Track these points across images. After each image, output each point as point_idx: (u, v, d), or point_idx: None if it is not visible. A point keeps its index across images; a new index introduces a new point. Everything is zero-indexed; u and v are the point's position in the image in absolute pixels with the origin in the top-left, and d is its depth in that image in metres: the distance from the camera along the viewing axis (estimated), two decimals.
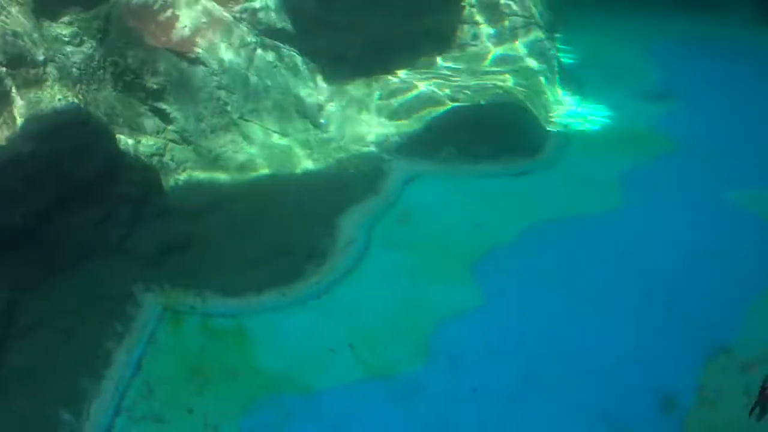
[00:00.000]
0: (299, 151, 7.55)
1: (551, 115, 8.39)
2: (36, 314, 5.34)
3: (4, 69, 5.88)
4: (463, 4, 9.01)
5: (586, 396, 4.84)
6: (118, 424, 4.80)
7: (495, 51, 9.01)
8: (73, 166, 6.00)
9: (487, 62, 8.87)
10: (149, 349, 5.37)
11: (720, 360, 5.13)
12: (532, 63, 8.97)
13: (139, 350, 5.35)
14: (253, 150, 7.50)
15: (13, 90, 6.23)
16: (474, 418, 4.71)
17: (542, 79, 8.80)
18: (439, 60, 8.82)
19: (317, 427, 4.80)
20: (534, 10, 9.34)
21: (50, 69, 6.27)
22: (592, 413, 4.69)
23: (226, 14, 7.69)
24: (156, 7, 7.31)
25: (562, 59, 9.49)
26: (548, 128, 8.11)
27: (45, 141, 5.89)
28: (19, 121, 6.20)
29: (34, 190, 5.74)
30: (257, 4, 7.83)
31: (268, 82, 7.95)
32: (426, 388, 4.97)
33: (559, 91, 8.91)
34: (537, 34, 9.22)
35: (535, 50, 9.11)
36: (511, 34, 9.16)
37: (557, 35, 9.94)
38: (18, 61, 5.97)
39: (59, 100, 6.48)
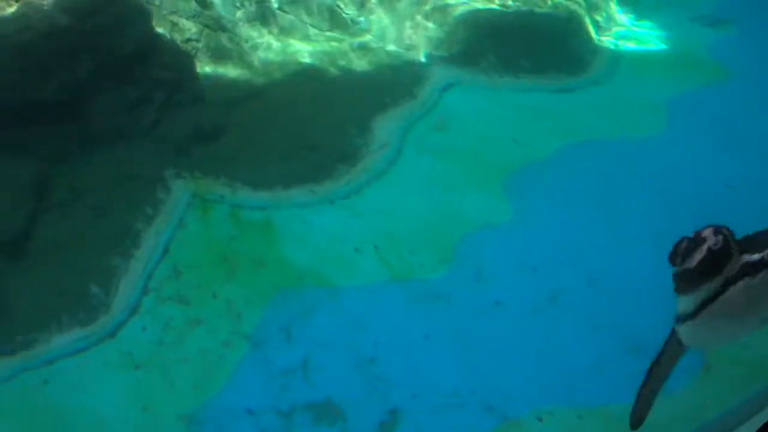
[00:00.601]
0: (337, 49, 7.33)
1: (602, 31, 8.00)
2: (68, 189, 5.39)
3: None
4: None
5: (610, 318, 4.83)
6: (145, 303, 4.92)
7: None
8: (108, 44, 5.89)
9: None
10: (178, 233, 5.42)
11: None
12: None
13: (168, 234, 5.40)
14: (291, 43, 7.29)
15: None
16: (495, 331, 4.75)
17: None
18: None
19: (338, 322, 4.88)
20: None
21: None
22: (615, 336, 4.70)
23: None
24: None
25: None
26: (597, 45, 7.76)
27: (82, 15, 5.77)
28: None
29: (68, 65, 5.67)
30: None
31: None
32: (449, 296, 4.99)
33: (613, 8, 8.47)
34: None
35: None
36: None
37: None
38: None
39: None
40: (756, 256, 2.19)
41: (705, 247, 2.23)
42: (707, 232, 2.30)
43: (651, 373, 2.67)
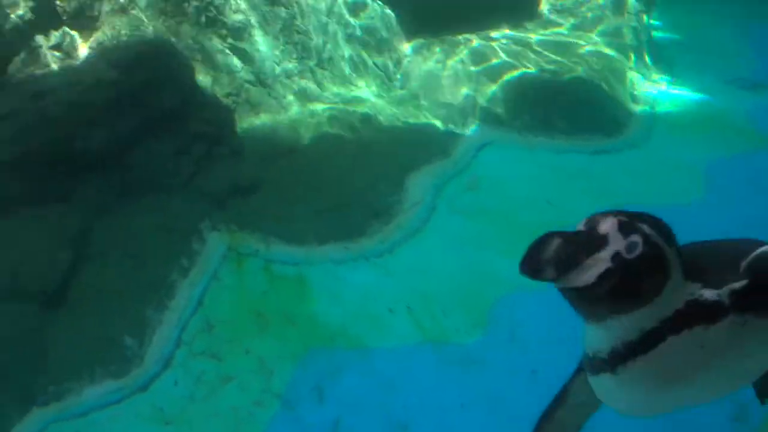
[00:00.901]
0: (373, 105, 7.45)
1: (637, 94, 8.03)
2: (107, 240, 5.47)
3: None
4: None
5: None
6: (178, 356, 4.92)
7: (583, 22, 8.66)
8: (152, 98, 6.06)
9: (574, 33, 8.52)
10: (212, 286, 5.45)
11: None
12: (621, 38, 8.59)
13: (202, 286, 5.43)
14: (327, 99, 7.43)
15: (102, 15, 6.29)
16: (530, 398, 4.63)
17: (631, 55, 8.42)
18: (526, 26, 8.56)
19: (368, 383, 4.81)
20: None
21: None
22: None
23: None
24: None
25: (654, 36, 9.03)
26: (633, 107, 7.78)
27: (128, 69, 5.95)
28: (105, 46, 6.28)
29: (114, 118, 5.82)
30: None
31: (347, 31, 7.84)
32: (483, 361, 4.91)
33: (648, 70, 8.52)
34: (628, 7, 8.81)
35: (625, 25, 8.72)
36: (602, 6, 8.79)
37: (651, 11, 9.46)
38: None
39: (145, 29, 6.52)
40: (710, 294, 1.31)
41: (607, 254, 1.16)
42: (607, 226, 1.19)
43: None
